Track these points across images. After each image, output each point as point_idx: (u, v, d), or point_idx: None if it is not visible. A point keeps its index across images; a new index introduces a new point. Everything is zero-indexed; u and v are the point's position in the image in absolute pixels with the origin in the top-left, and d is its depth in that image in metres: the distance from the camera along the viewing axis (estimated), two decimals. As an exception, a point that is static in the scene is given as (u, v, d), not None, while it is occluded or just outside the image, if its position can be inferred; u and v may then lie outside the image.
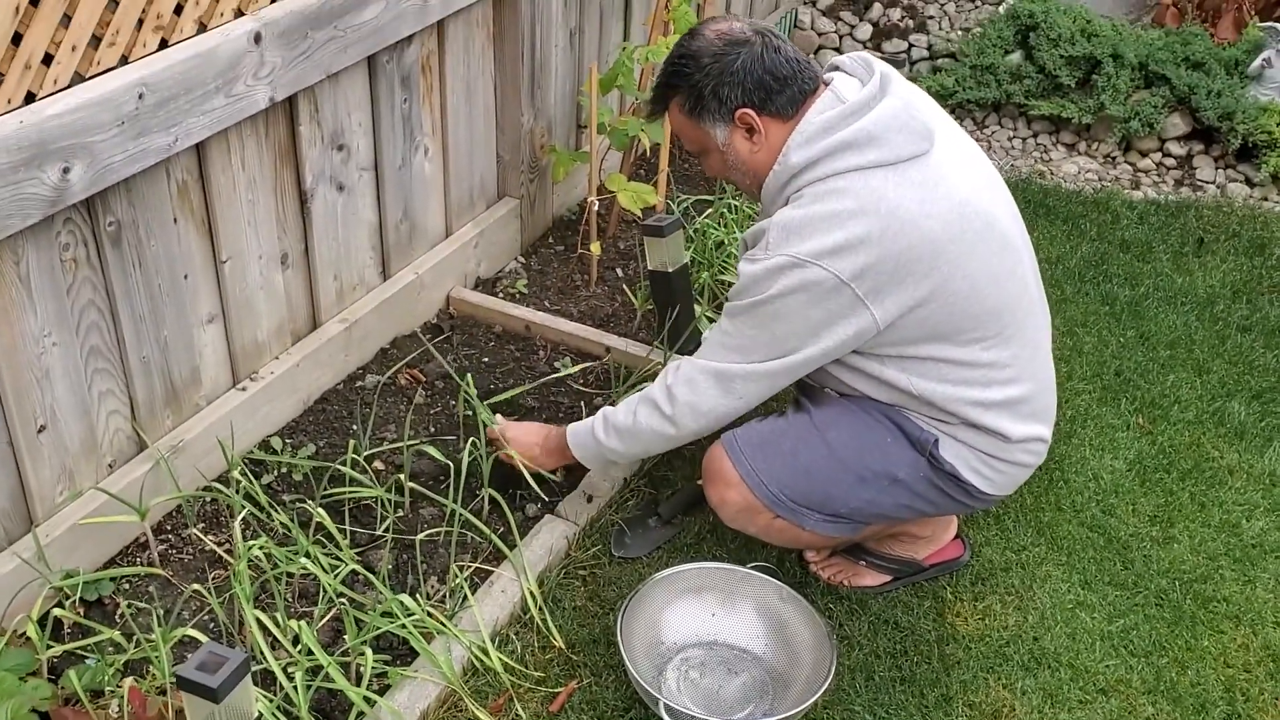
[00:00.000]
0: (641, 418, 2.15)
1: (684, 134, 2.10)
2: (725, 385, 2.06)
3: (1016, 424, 2.07)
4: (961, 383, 2.02)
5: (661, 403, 2.12)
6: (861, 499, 2.09)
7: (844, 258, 1.88)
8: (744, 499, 2.09)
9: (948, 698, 2.12)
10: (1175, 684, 2.18)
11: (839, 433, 2.08)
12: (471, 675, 2.07)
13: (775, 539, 2.18)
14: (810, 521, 2.09)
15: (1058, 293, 3.33)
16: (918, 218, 1.89)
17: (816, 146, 1.93)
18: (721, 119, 2.01)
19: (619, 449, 2.21)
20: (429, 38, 2.69)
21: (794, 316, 1.95)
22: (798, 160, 1.95)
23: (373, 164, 2.65)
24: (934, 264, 1.91)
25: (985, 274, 1.96)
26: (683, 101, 2.04)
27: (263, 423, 2.51)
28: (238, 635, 2.08)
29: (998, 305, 1.99)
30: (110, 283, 2.09)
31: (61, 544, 2.10)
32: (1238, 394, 2.95)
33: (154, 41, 2.01)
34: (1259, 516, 2.57)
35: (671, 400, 2.10)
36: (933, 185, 1.92)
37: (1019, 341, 2.04)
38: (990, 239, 1.98)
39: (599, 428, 2.22)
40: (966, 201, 1.95)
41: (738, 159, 2.05)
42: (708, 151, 2.09)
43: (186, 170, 2.17)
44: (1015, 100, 4.26)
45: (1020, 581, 2.37)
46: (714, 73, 1.98)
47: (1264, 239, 3.67)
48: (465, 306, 3.02)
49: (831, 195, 1.91)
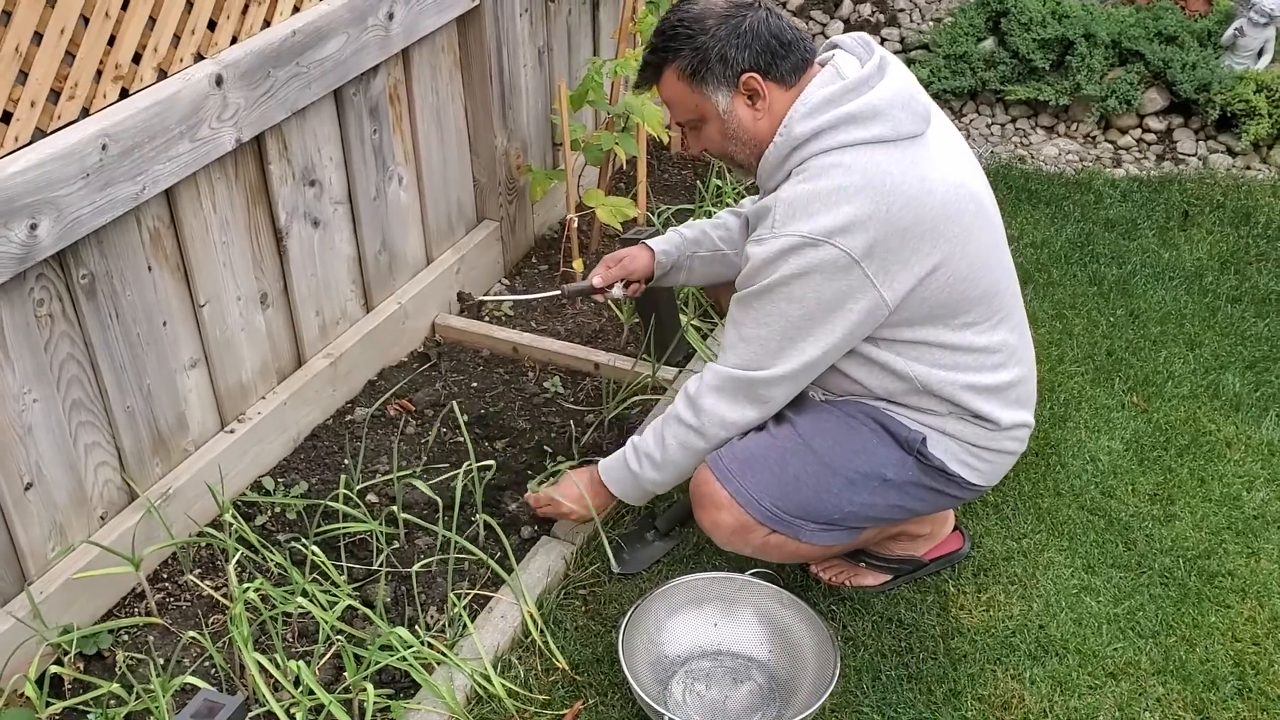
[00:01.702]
0: (670, 437, 2.11)
1: (679, 103, 2.02)
2: (750, 393, 2.02)
3: (1006, 410, 2.07)
4: (956, 368, 2.02)
5: (689, 418, 2.07)
6: (854, 503, 2.07)
7: (853, 234, 1.86)
8: (736, 519, 2.06)
9: (956, 692, 2.10)
10: (1185, 662, 2.16)
11: (824, 439, 2.06)
12: (475, 703, 2.06)
13: (772, 555, 2.15)
14: (806, 533, 2.07)
15: (1044, 276, 3.32)
16: (920, 194, 1.89)
17: (821, 118, 1.90)
18: (725, 83, 1.95)
19: (655, 476, 2.15)
20: (395, 67, 2.69)
21: (807, 298, 1.91)
22: (802, 131, 1.92)
23: (346, 197, 2.65)
24: (936, 241, 1.91)
25: (980, 256, 1.98)
26: (684, 66, 1.96)
27: (253, 464, 2.51)
28: (238, 679, 2.07)
29: (990, 289, 2.00)
30: (88, 335, 2.08)
31: (56, 600, 2.10)
32: (1231, 365, 2.94)
33: (114, 91, 2.01)
34: (1259, 487, 2.56)
35: (698, 413, 2.06)
36: (932, 165, 1.93)
37: (1008, 326, 2.06)
38: (982, 222, 2.00)
39: (630, 458, 2.17)
40: (962, 184, 1.96)
41: (739, 127, 1.99)
42: (705, 120, 2.01)
43: (157, 217, 2.17)
44: (991, 87, 4.26)
45: (1023, 570, 2.35)
46: (721, 35, 1.92)
47: (1249, 208, 3.66)
48: (451, 333, 3.01)
49: (836, 169, 1.88)
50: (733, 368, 2.02)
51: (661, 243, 2.41)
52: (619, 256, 2.41)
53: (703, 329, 2.95)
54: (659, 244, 2.41)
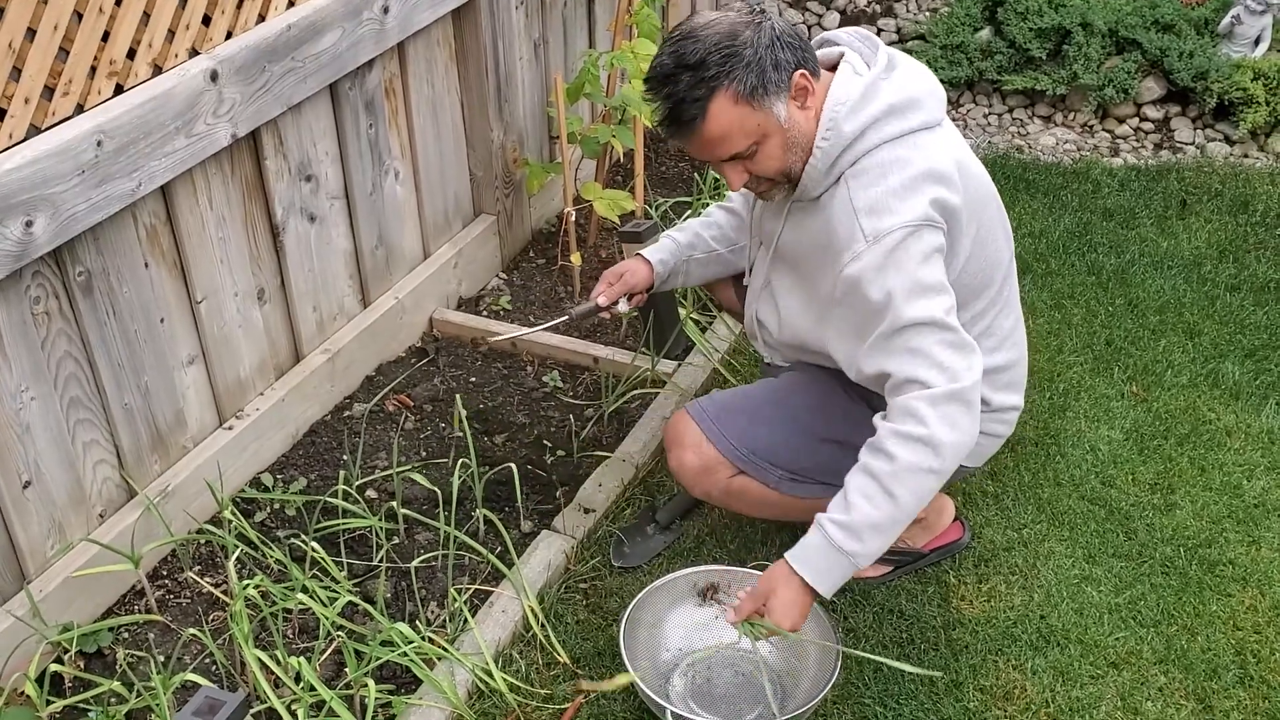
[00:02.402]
0: (906, 493, 1.81)
1: (738, 130, 1.84)
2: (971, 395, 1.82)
3: (996, 393, 2.09)
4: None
5: (929, 460, 1.81)
6: (823, 455, 2.08)
7: (939, 212, 1.86)
8: (704, 456, 2.10)
9: (958, 683, 2.10)
10: (1186, 651, 2.16)
11: (803, 398, 2.12)
12: (477, 698, 2.06)
13: (741, 504, 2.17)
14: (774, 478, 2.09)
15: (1043, 266, 3.31)
16: (965, 176, 1.93)
17: (864, 113, 1.86)
18: (782, 90, 1.84)
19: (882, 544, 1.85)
20: (390, 61, 2.68)
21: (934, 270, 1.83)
22: (851, 129, 1.87)
23: (343, 192, 2.64)
24: (977, 220, 1.96)
25: (995, 238, 2.02)
26: (740, 87, 1.81)
27: (252, 460, 2.50)
28: (239, 676, 2.06)
29: (1000, 274, 2.05)
30: (85, 332, 2.07)
31: (56, 598, 2.09)
32: (1230, 354, 2.93)
33: (109, 88, 2.01)
34: (1260, 476, 2.55)
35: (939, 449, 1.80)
36: (962, 150, 1.98)
37: (1007, 312, 2.10)
38: (995, 206, 2.04)
39: (844, 541, 1.83)
40: (982, 171, 2.03)
41: (799, 132, 1.88)
42: (768, 138, 1.86)
43: (153, 214, 2.16)
44: (988, 77, 4.25)
45: (1024, 560, 2.35)
46: (762, 43, 1.82)
47: (1247, 196, 3.65)
48: (449, 327, 3.00)
49: (895, 165, 1.86)
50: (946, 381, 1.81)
51: (657, 252, 2.39)
52: (619, 272, 2.38)
53: (701, 322, 2.94)
54: (655, 254, 2.39)
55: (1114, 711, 2.05)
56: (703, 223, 2.41)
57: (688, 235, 2.40)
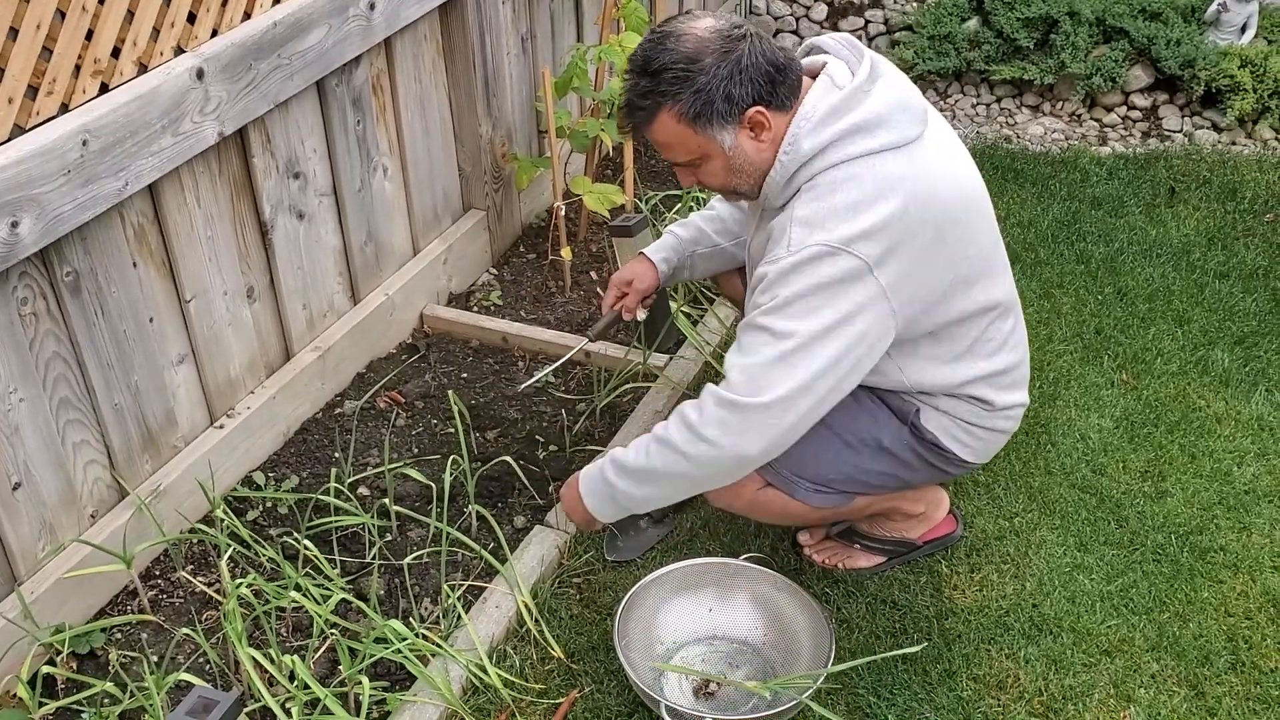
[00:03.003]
0: (657, 458, 1.94)
1: (679, 145, 1.90)
2: (759, 420, 1.85)
3: (1000, 393, 2.09)
4: (952, 359, 2.02)
5: (682, 442, 1.90)
6: (851, 465, 2.08)
7: (871, 242, 1.81)
8: None
9: (951, 673, 2.11)
10: (1178, 638, 2.17)
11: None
12: (471, 694, 2.06)
13: (762, 513, 2.15)
14: (800, 490, 2.08)
15: (1032, 255, 3.32)
16: (928, 201, 1.85)
17: (826, 132, 1.85)
18: (730, 121, 1.85)
19: (632, 491, 1.99)
20: (377, 57, 2.67)
21: (824, 309, 1.82)
22: (809, 147, 1.86)
23: (331, 189, 2.63)
24: (943, 245, 1.88)
25: (979, 252, 1.96)
26: (684, 109, 1.84)
27: (243, 459, 2.50)
28: (233, 675, 2.06)
29: (989, 283, 2.00)
30: (74, 333, 2.07)
31: (48, 600, 2.09)
32: (1220, 341, 2.94)
33: (94, 87, 2.00)
34: (1250, 462, 2.56)
35: (696, 440, 1.89)
36: (937, 167, 1.89)
37: (1003, 318, 2.06)
38: (981, 219, 1.98)
39: (609, 470, 2.02)
40: (961, 183, 1.94)
41: (745, 160, 1.90)
42: (708, 159, 1.91)
43: (141, 213, 2.15)
44: (976, 67, 4.25)
45: (1015, 549, 2.36)
46: (722, 73, 1.81)
47: (1235, 183, 3.66)
48: (440, 323, 3.00)
49: (849, 183, 1.84)
50: (740, 394, 1.85)
51: (660, 250, 2.38)
52: (627, 279, 2.37)
53: (693, 315, 2.94)
54: (658, 253, 2.38)
55: (1107, 699, 2.06)
56: (704, 216, 2.40)
57: (690, 230, 2.39)
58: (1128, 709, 2.04)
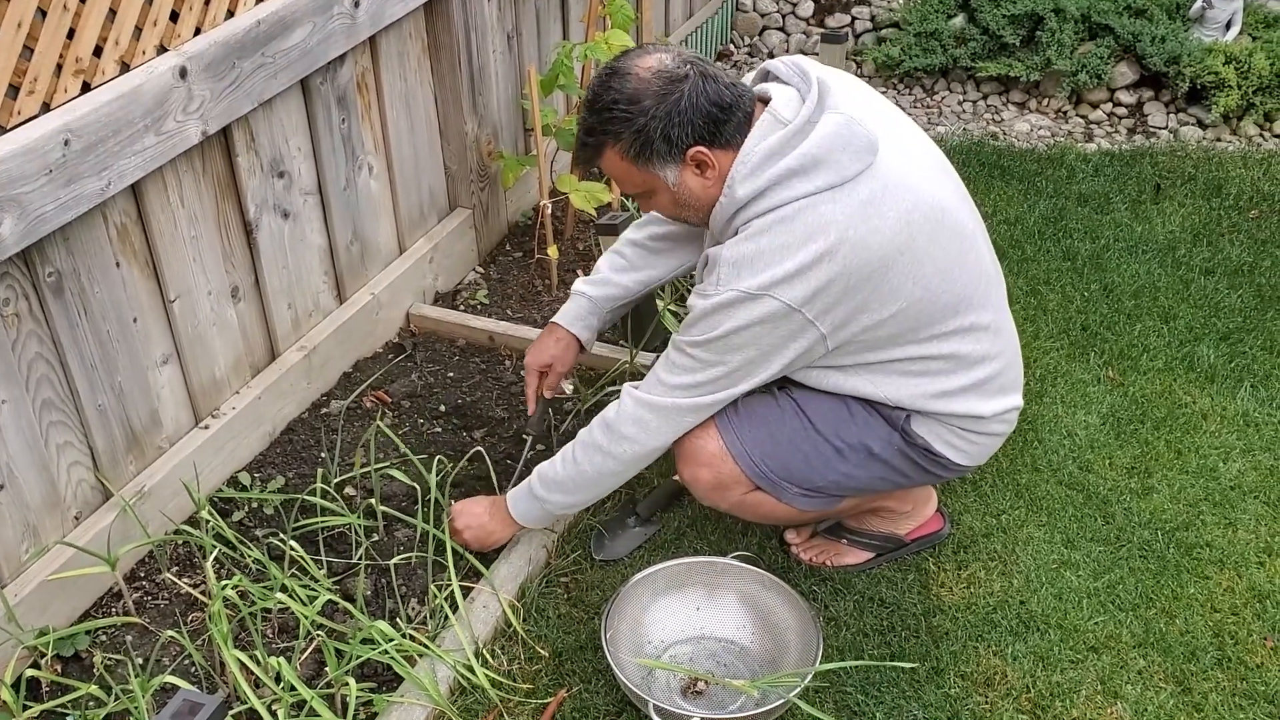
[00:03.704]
0: (585, 464, 2.10)
1: (626, 180, 1.97)
2: (673, 420, 2.03)
3: (987, 401, 2.06)
4: (925, 374, 2.00)
5: (605, 444, 2.07)
6: (840, 472, 2.08)
7: (794, 286, 1.83)
8: (720, 474, 2.08)
9: (939, 670, 2.11)
10: (1165, 634, 2.18)
11: (816, 407, 2.07)
12: (459, 694, 2.05)
13: (748, 514, 2.17)
14: (788, 495, 2.08)
15: (1018, 252, 3.32)
16: (865, 236, 1.83)
17: (762, 177, 1.85)
18: (672, 160, 1.90)
19: (566, 500, 2.16)
20: (362, 55, 2.66)
21: (748, 347, 1.91)
22: (744, 193, 1.87)
23: (316, 187, 2.62)
24: (884, 277, 1.86)
25: (937, 273, 1.91)
26: (625, 148, 1.89)
27: (229, 459, 2.48)
28: (218, 677, 2.05)
29: (954, 299, 1.95)
30: (57, 334, 2.05)
31: (32, 602, 2.07)
32: (1205, 337, 2.95)
33: (76, 86, 1.98)
34: (1235, 458, 2.57)
35: (618, 440, 2.05)
36: (880, 200, 1.85)
37: (980, 326, 2.00)
38: (941, 235, 1.92)
39: (538, 488, 2.16)
40: (914, 206, 1.88)
41: (690, 196, 1.95)
42: (655, 193, 1.98)
43: (124, 213, 2.14)
44: (962, 64, 4.26)
45: (1002, 546, 2.36)
46: (660, 115, 1.85)
47: (1220, 180, 3.67)
48: (426, 323, 2.99)
49: (780, 225, 1.84)
50: (659, 396, 2.01)
51: (577, 318, 2.39)
52: (544, 363, 2.40)
53: (679, 313, 2.94)
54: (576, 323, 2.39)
55: (1094, 695, 2.07)
56: (612, 265, 2.40)
57: (600, 287, 2.39)
58: (1115, 705, 2.05)
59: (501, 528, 2.26)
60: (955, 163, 3.87)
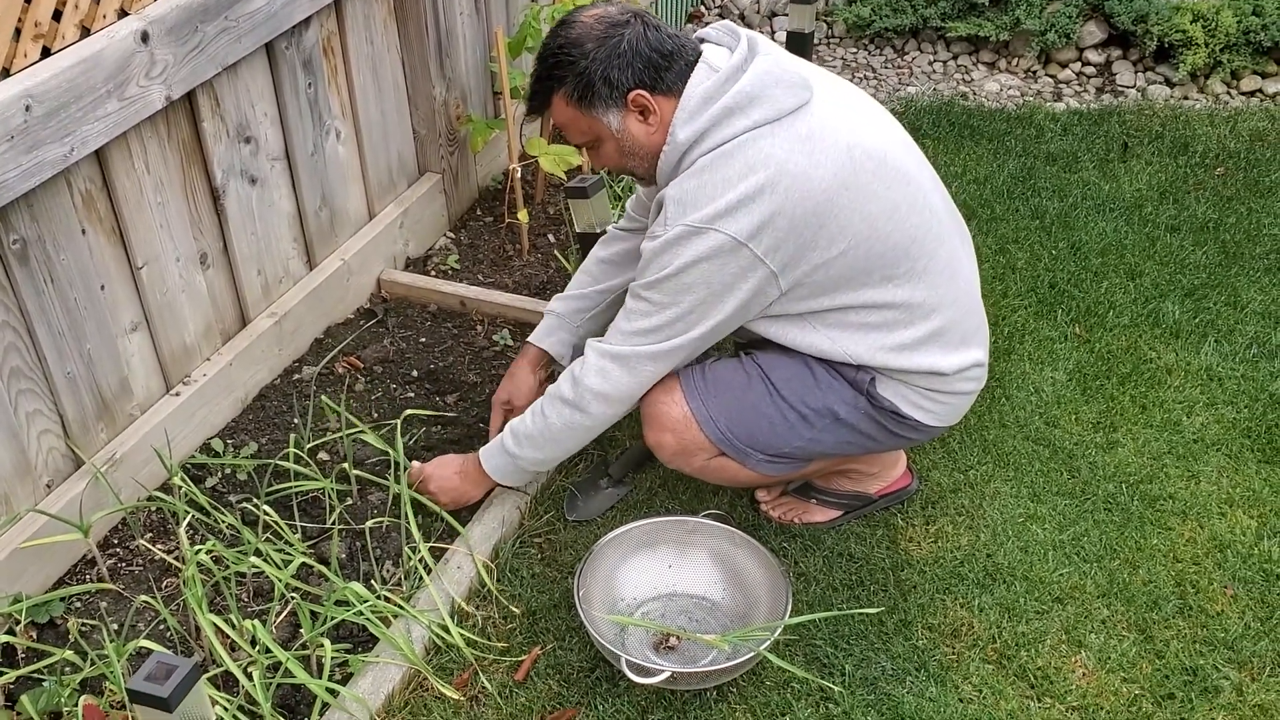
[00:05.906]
0: (553, 418, 2.14)
1: (573, 127, 2.03)
2: (634, 369, 2.06)
3: (948, 355, 2.07)
4: (882, 326, 2.02)
5: (571, 396, 2.11)
6: (804, 438, 2.10)
7: (738, 218, 1.88)
8: (684, 440, 2.11)
9: (906, 622, 2.15)
10: (1128, 584, 2.22)
11: (780, 373, 2.09)
12: (434, 654, 2.08)
13: (714, 478, 2.20)
14: (753, 461, 2.11)
15: (988, 211, 3.34)
16: (807, 169, 1.89)
17: (701, 119, 1.93)
18: (614, 104, 1.96)
19: (537, 456, 2.20)
20: (327, 18, 2.64)
21: (699, 286, 1.94)
22: (685, 136, 1.94)
23: (284, 153, 2.61)
24: (829, 213, 1.91)
25: (883, 213, 1.95)
26: (570, 92, 1.97)
27: (201, 426, 2.49)
28: (194, 641, 2.07)
29: (903, 240, 1.98)
30: (23, 302, 2.04)
31: (5, 570, 2.08)
32: (1170, 294, 2.98)
33: (35, 50, 1.96)
34: (1199, 412, 2.61)
35: (582, 392, 2.09)
36: (819, 135, 1.92)
37: (933, 271, 2.03)
38: (884, 176, 1.96)
39: (510, 443, 2.21)
40: (854, 145, 1.94)
41: (634, 143, 2.01)
42: (601, 141, 2.03)
43: (88, 179, 2.13)
44: (932, 24, 4.26)
45: (970, 501, 2.39)
46: (600, 57, 1.93)
47: (1186, 138, 3.70)
48: (397, 288, 2.99)
49: (720, 160, 1.91)
50: (619, 345, 2.05)
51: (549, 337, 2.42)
52: (503, 400, 2.42)
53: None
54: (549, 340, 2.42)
55: (1058, 644, 2.11)
56: (579, 281, 2.43)
57: (570, 303, 2.43)
58: (1079, 654, 2.09)
59: (475, 485, 2.29)
60: (926, 123, 3.89)
